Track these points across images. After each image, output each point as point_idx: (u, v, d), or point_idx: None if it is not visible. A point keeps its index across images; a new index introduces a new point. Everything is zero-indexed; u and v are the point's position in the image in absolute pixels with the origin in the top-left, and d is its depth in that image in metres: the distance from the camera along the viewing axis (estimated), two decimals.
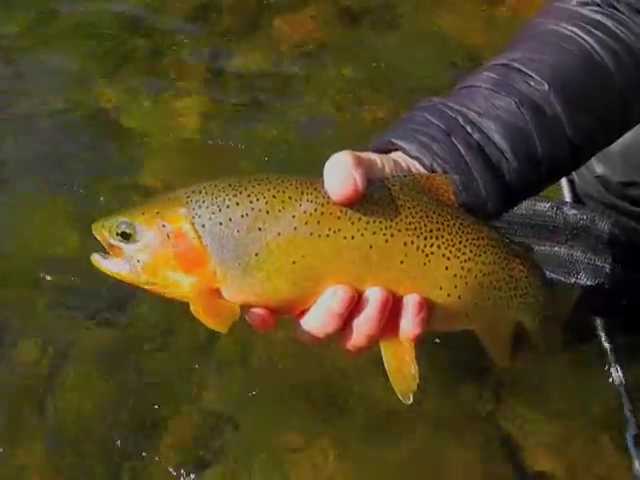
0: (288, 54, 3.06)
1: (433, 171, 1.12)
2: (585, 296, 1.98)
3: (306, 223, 1.01)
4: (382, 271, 1.03)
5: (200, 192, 1.05)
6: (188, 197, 1.05)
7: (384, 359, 1.06)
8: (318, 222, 1.01)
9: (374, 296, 1.02)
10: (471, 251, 1.06)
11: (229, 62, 3.04)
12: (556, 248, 2.03)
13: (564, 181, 2.25)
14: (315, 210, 1.02)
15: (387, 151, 1.15)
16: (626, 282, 1.99)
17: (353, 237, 1.02)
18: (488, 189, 1.14)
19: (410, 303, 1.03)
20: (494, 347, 1.17)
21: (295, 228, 1.01)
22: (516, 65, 1.21)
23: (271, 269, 1.02)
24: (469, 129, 1.14)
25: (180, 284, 1.04)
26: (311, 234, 1.01)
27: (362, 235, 1.02)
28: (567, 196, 2.22)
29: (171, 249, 1.04)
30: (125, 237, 1.07)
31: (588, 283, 1.98)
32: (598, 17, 1.26)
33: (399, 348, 1.04)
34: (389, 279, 1.03)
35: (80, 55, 3.04)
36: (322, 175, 1.04)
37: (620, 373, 1.94)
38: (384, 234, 1.02)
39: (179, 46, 3.09)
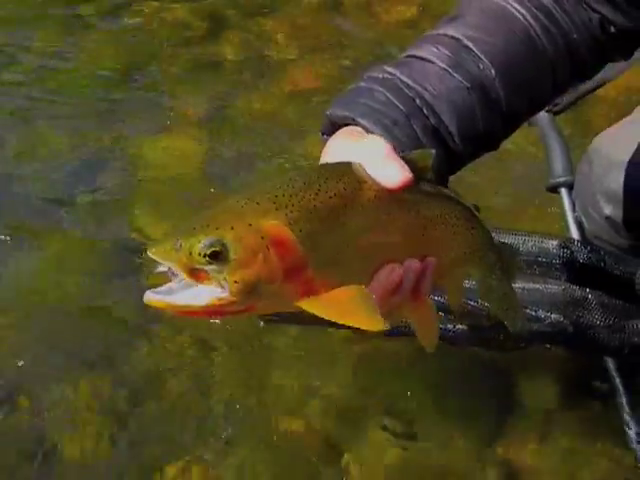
0: (293, 101, 3.08)
1: None
2: (598, 336, 1.94)
3: (372, 210, 1.07)
4: (413, 245, 1.12)
5: (284, 196, 1.00)
6: (275, 204, 0.99)
7: (412, 321, 1.17)
8: (378, 208, 1.07)
9: (413, 267, 1.10)
10: (455, 217, 1.18)
11: (231, 109, 3.07)
12: (564, 287, 1.97)
13: (572, 223, 2.20)
14: (375, 197, 1.07)
15: (344, 125, 1.21)
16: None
17: (400, 219, 1.10)
18: (435, 166, 1.25)
19: (430, 266, 1.13)
20: (455, 293, 1.32)
21: (365, 217, 1.06)
22: (468, 43, 1.29)
23: (353, 258, 1.06)
24: (425, 111, 1.23)
25: (281, 295, 0.99)
26: (376, 220, 1.07)
27: (404, 216, 1.10)
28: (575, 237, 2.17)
29: (274, 260, 0.97)
30: (214, 257, 0.95)
31: (599, 322, 1.92)
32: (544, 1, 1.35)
33: (422, 307, 1.14)
34: (416, 251, 1.12)
35: (84, 100, 3.08)
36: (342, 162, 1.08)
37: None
38: (414, 212, 1.12)
39: (180, 92, 3.13)
